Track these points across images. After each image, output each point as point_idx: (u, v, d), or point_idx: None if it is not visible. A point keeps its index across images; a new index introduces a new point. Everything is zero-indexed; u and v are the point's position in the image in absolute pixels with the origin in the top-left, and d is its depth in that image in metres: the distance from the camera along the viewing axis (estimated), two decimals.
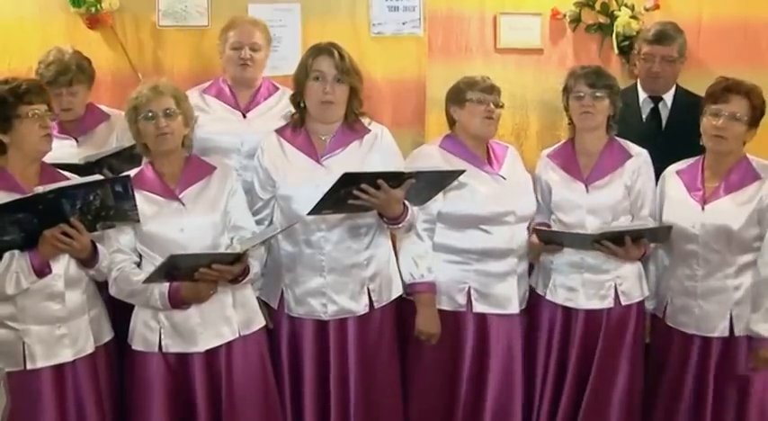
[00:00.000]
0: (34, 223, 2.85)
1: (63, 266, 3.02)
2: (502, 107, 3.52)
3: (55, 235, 2.87)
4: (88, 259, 3.02)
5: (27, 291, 2.96)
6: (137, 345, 3.17)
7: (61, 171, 3.14)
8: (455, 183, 3.35)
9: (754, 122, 3.34)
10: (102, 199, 2.89)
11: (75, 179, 2.95)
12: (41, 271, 2.93)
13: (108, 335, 3.23)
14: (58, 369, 3.03)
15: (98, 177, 2.94)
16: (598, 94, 3.48)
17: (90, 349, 3.11)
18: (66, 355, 3.03)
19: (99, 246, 3.04)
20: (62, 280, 3.02)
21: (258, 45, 3.71)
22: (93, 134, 3.73)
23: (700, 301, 3.37)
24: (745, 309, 3.34)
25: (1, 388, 2.61)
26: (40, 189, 2.84)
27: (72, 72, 3.62)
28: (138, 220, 3.03)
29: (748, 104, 3.31)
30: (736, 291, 3.35)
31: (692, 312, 3.40)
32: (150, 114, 3.10)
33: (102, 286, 3.23)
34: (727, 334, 3.35)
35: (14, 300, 2.97)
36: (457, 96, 3.52)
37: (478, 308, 3.47)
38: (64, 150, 3.54)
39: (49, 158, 3.17)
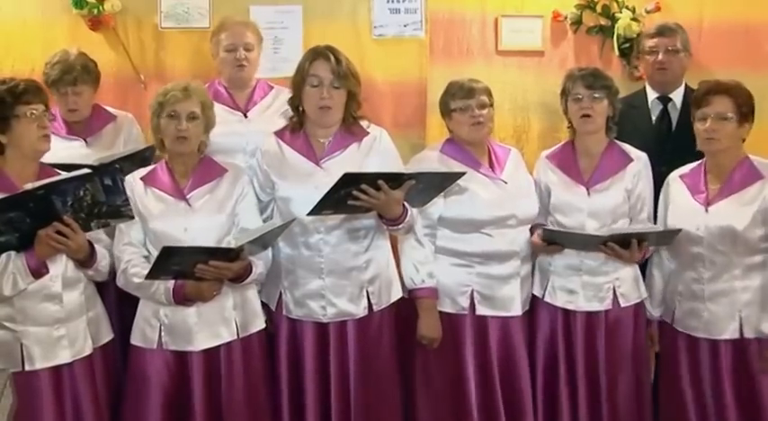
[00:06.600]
0: (27, 222, 2.82)
1: (61, 267, 3.01)
2: (491, 105, 3.49)
3: (49, 234, 2.85)
4: (85, 259, 3.02)
5: (25, 293, 2.95)
6: (136, 341, 3.20)
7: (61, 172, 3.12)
8: (456, 187, 3.35)
9: (743, 118, 3.30)
10: (93, 194, 2.88)
11: (64, 174, 2.92)
12: (38, 271, 2.92)
13: (107, 337, 3.23)
14: (56, 370, 3.03)
15: (86, 170, 2.91)
16: (596, 96, 3.47)
17: (88, 350, 3.10)
18: (64, 356, 3.03)
19: (97, 246, 3.05)
20: (59, 281, 3.01)
21: (251, 45, 3.75)
22: (100, 135, 3.76)
23: (707, 304, 3.34)
24: (754, 310, 3.30)
25: (7, 388, 2.64)
26: (29, 186, 2.83)
27: (76, 71, 3.64)
28: (132, 217, 3.02)
29: (732, 101, 3.29)
30: (744, 293, 3.31)
31: (701, 315, 3.35)
32: (174, 114, 3.13)
33: (101, 287, 3.24)
34: (737, 336, 3.31)
35: (12, 301, 2.96)
36: (444, 107, 3.53)
37: (481, 310, 3.46)
38: (73, 151, 3.58)
39: (58, 159, 3.19)
